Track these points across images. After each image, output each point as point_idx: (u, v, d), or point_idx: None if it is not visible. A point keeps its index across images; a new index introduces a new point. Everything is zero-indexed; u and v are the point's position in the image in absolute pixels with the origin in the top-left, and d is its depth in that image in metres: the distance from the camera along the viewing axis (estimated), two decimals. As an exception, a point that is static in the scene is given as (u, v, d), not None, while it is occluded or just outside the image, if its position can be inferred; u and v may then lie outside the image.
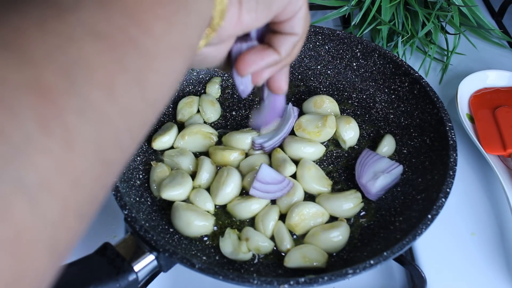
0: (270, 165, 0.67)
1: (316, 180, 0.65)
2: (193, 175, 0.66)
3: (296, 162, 0.67)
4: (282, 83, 0.49)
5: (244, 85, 0.46)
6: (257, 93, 0.59)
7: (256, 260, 0.59)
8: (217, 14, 0.36)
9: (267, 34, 0.46)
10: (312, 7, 1.02)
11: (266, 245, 0.59)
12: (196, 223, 0.59)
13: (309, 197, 0.65)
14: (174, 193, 0.62)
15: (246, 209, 0.61)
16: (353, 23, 0.87)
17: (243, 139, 0.69)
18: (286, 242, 0.59)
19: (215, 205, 0.63)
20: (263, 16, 0.40)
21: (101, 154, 0.24)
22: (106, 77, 0.25)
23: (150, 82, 0.28)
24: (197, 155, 0.70)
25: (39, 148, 0.21)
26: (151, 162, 0.68)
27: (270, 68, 0.45)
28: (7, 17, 0.23)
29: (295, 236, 0.61)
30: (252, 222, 0.62)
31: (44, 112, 0.22)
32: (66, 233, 0.23)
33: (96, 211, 0.25)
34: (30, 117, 0.21)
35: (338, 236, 0.59)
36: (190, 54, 0.33)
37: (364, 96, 0.78)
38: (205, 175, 0.65)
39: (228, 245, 0.57)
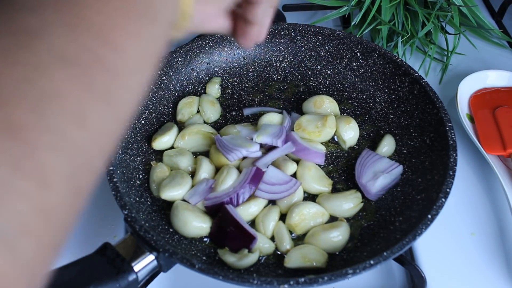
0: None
1: (316, 180, 0.65)
2: (193, 175, 0.66)
3: (296, 162, 0.67)
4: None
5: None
6: None
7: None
8: (181, 17, 0.37)
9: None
10: (312, 7, 1.02)
11: (267, 247, 0.59)
12: (194, 223, 0.59)
13: (309, 197, 0.65)
14: (173, 193, 0.62)
15: (245, 212, 0.61)
16: (353, 23, 0.87)
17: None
18: (286, 243, 0.59)
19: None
20: None
21: (75, 183, 0.24)
22: (77, 104, 0.24)
23: (121, 100, 0.28)
24: (196, 155, 0.70)
25: (15, 192, 0.21)
26: (151, 162, 0.68)
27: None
28: None
29: (293, 235, 0.61)
30: (252, 223, 0.62)
31: (18, 154, 0.22)
32: (42, 266, 0.23)
33: (69, 234, 0.25)
34: (3, 161, 0.21)
35: (338, 236, 0.59)
36: (157, 62, 0.33)
37: (364, 96, 0.78)
38: (204, 175, 0.65)
39: (229, 257, 0.57)
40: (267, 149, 0.68)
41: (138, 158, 0.68)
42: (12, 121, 0.22)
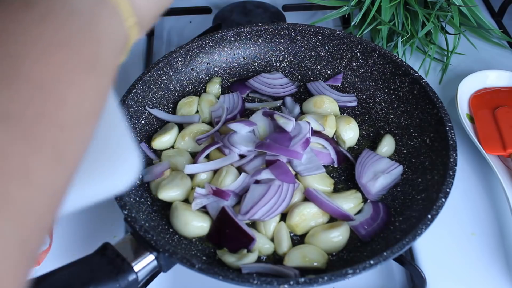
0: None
1: (317, 179, 0.65)
2: (192, 175, 0.66)
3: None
4: None
5: None
6: None
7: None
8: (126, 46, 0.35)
9: None
10: (312, 7, 1.02)
11: (267, 247, 0.59)
12: (194, 223, 0.59)
13: (309, 197, 0.65)
14: (171, 194, 0.62)
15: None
16: (353, 23, 0.87)
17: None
18: (284, 246, 0.59)
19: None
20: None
21: (24, 246, 0.23)
22: (21, 163, 0.23)
23: (68, 154, 0.27)
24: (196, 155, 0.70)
25: None
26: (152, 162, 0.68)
27: None
28: None
29: (292, 234, 0.61)
30: (253, 223, 0.62)
31: None
32: None
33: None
34: None
35: (338, 236, 0.59)
36: (104, 104, 0.31)
37: (364, 96, 0.78)
38: (203, 175, 0.65)
39: (229, 257, 0.57)
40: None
41: (138, 158, 0.68)
42: None
